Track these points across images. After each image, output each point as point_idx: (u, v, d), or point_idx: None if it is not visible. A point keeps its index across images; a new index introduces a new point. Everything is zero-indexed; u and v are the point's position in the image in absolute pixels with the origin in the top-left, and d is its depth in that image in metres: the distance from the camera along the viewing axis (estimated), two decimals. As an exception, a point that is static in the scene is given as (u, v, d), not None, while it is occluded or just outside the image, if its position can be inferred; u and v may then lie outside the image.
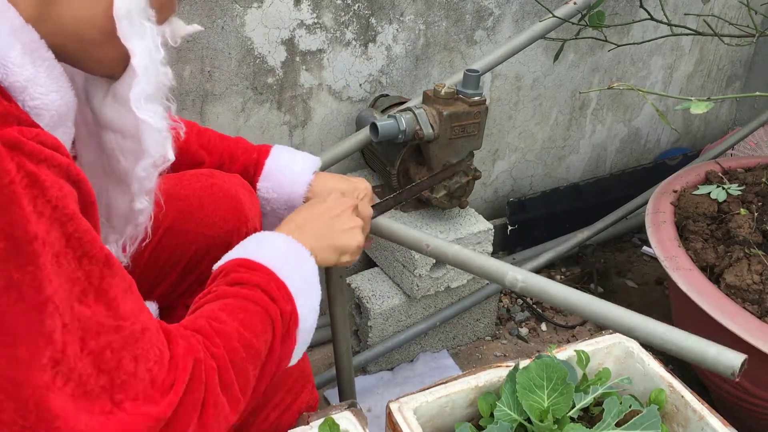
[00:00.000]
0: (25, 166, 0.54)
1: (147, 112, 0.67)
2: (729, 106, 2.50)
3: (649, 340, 0.87)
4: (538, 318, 1.84)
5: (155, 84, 0.68)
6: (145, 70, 0.66)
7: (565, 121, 2.05)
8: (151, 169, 0.72)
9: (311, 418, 0.96)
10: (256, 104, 1.52)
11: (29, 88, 0.60)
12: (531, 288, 0.97)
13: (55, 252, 0.55)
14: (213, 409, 0.68)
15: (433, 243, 1.09)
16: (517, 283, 0.98)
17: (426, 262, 1.48)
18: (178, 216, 0.99)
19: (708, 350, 0.83)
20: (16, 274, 0.52)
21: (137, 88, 0.66)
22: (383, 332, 1.55)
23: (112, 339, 0.59)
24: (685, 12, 2.06)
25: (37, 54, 0.60)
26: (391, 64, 1.65)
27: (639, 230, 2.15)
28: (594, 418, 1.04)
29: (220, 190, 1.03)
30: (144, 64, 0.66)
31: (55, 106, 0.63)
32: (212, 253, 1.01)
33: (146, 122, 0.67)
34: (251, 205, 1.06)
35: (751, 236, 1.37)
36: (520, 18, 1.77)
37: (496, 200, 2.05)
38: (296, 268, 0.86)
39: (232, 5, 1.39)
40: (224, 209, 1.02)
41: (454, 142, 1.42)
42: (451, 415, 1.05)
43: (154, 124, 0.68)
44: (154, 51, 0.67)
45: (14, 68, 0.58)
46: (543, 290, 0.96)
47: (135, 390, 0.60)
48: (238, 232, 1.02)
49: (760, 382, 1.22)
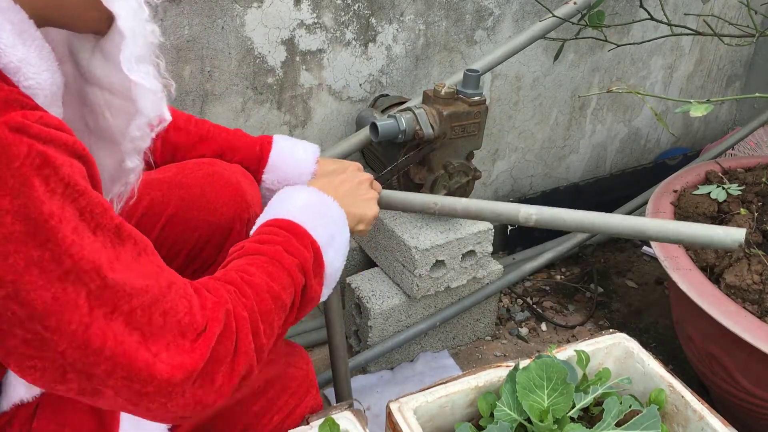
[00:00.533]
0: (35, 147, 0.55)
1: (139, 74, 0.67)
2: (729, 106, 2.50)
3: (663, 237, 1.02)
4: (538, 318, 1.84)
5: (144, 44, 0.67)
6: (132, 31, 0.66)
7: (565, 121, 2.05)
8: (146, 128, 0.71)
9: (311, 418, 0.96)
10: (256, 104, 1.52)
11: (22, 68, 0.60)
12: (545, 219, 1.07)
13: (72, 227, 0.57)
14: (244, 356, 0.71)
15: (441, 201, 1.14)
16: (531, 217, 1.08)
17: (426, 262, 1.48)
18: (180, 204, 1.01)
19: (715, 232, 0.99)
20: (36, 252, 0.54)
21: (126, 51, 0.66)
22: (383, 332, 1.55)
23: (142, 299, 0.62)
24: (685, 12, 2.06)
25: (27, 34, 0.61)
26: (391, 64, 1.65)
27: (639, 230, 2.14)
28: (594, 418, 1.04)
29: (221, 178, 1.05)
30: (130, 25, 0.65)
31: (47, 85, 0.63)
32: (215, 239, 1.04)
33: (139, 84, 0.67)
34: (252, 193, 1.08)
35: (751, 236, 1.37)
36: (520, 18, 1.77)
37: (496, 200, 2.05)
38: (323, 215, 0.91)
39: (232, 5, 1.39)
40: (226, 196, 1.03)
41: (454, 141, 1.42)
42: (451, 415, 1.05)
43: (148, 85, 0.68)
44: (138, 10, 0.66)
45: (7, 49, 0.58)
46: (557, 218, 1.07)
47: (166, 340, 0.63)
48: (240, 218, 1.05)
49: (760, 382, 1.22)
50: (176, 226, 1.01)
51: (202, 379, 0.67)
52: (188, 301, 0.67)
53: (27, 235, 0.54)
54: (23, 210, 0.53)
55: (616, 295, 1.93)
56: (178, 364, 0.64)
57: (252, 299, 0.75)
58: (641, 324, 1.83)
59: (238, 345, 0.71)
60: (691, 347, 1.37)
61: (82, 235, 0.57)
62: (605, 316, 1.86)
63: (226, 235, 1.04)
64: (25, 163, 0.54)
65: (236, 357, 0.70)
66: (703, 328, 1.30)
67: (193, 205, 1.02)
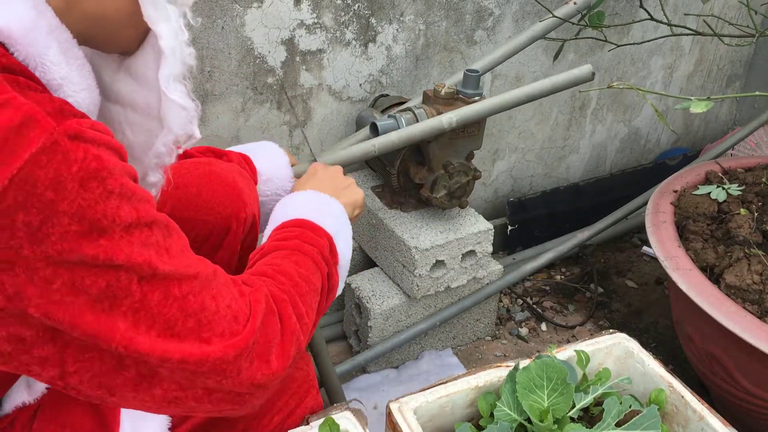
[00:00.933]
0: (90, 151, 0.57)
1: (176, 92, 0.70)
2: (729, 106, 2.50)
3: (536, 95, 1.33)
4: (538, 318, 1.84)
5: (181, 64, 0.70)
6: (173, 51, 0.69)
7: (565, 121, 2.05)
8: (172, 145, 0.74)
9: (311, 418, 0.96)
10: (256, 104, 1.52)
11: (64, 86, 0.63)
12: (464, 118, 1.32)
13: (126, 224, 0.59)
14: (290, 335, 0.75)
15: (378, 141, 1.30)
16: (452, 121, 1.31)
17: (426, 262, 1.48)
18: (177, 204, 1.02)
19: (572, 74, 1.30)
20: (90, 250, 0.57)
21: (166, 70, 0.69)
22: (383, 332, 1.55)
23: (193, 285, 0.65)
24: (685, 12, 2.06)
25: (70, 53, 0.63)
26: (391, 64, 1.65)
27: (639, 230, 2.15)
28: (594, 418, 1.04)
29: (218, 177, 1.06)
30: (171, 45, 0.68)
31: (86, 103, 0.66)
32: (212, 239, 1.04)
33: (175, 101, 0.70)
34: (249, 191, 1.09)
35: (751, 236, 1.37)
36: (520, 18, 1.77)
37: (496, 200, 2.05)
38: (326, 211, 0.97)
39: (232, 5, 1.39)
40: (222, 195, 1.04)
41: (454, 141, 1.43)
42: (451, 415, 1.05)
43: (183, 103, 0.71)
44: (179, 32, 0.69)
45: (52, 66, 0.61)
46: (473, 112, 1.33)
47: (221, 327, 0.67)
48: (237, 217, 1.05)
49: (760, 382, 1.22)
50: None
51: (258, 359, 0.70)
52: (232, 288, 0.71)
53: (82, 235, 0.56)
54: (80, 211, 0.56)
55: (616, 295, 1.93)
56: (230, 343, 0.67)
57: (287, 284, 0.79)
58: (641, 324, 1.83)
59: (284, 325, 0.75)
60: (691, 347, 1.37)
61: (132, 233, 0.60)
62: (605, 316, 1.86)
63: (224, 234, 1.05)
64: (82, 167, 0.56)
65: (284, 336, 0.74)
66: (703, 328, 1.30)
67: (190, 205, 1.02)
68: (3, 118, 0.53)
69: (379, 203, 1.59)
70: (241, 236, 1.07)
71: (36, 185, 0.54)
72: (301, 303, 0.80)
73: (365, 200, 1.59)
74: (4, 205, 0.53)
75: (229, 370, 0.67)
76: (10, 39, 0.58)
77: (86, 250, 0.57)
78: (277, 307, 0.75)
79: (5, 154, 0.53)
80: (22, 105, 0.54)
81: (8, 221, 0.53)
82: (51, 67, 0.61)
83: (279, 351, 0.73)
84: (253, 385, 0.70)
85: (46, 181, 0.54)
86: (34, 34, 0.59)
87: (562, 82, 1.28)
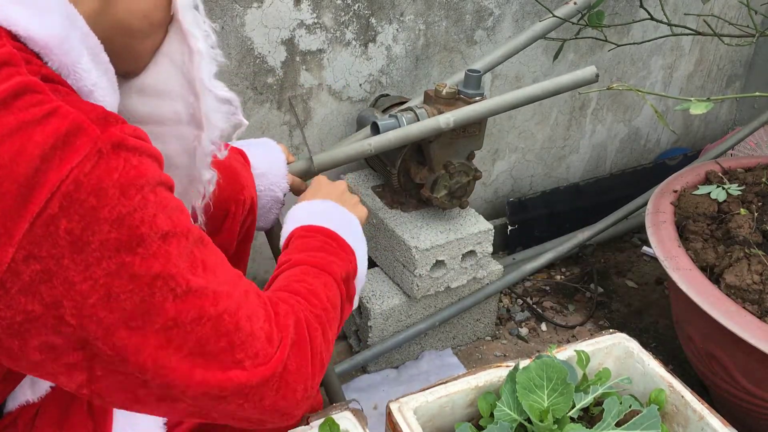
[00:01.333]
0: (131, 160, 0.58)
1: (221, 89, 0.73)
2: (729, 106, 2.50)
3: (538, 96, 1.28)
4: (538, 318, 1.84)
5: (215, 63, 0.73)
6: (208, 52, 0.71)
7: (565, 121, 2.05)
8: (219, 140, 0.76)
9: (311, 418, 0.96)
10: (256, 104, 1.52)
11: (94, 92, 0.63)
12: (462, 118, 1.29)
13: (162, 233, 0.59)
14: (320, 366, 0.75)
15: (374, 140, 1.30)
16: (450, 122, 1.29)
17: (426, 262, 1.48)
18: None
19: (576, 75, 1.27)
20: (128, 257, 0.57)
21: (206, 70, 0.71)
22: (383, 332, 1.55)
23: (228, 304, 0.64)
24: (685, 12, 2.06)
25: (99, 59, 0.64)
26: (391, 64, 1.65)
27: (639, 230, 2.15)
28: (594, 418, 1.04)
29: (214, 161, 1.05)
30: (204, 48, 0.71)
31: (112, 108, 0.66)
32: (211, 222, 1.04)
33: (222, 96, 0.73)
34: (246, 175, 1.10)
35: (751, 236, 1.37)
36: (520, 18, 1.77)
37: (496, 200, 2.05)
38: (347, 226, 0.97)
39: (232, 5, 1.39)
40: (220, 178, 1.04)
41: (455, 141, 1.43)
42: (451, 415, 1.05)
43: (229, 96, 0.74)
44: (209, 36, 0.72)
45: (83, 74, 0.62)
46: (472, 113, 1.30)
47: (254, 348, 0.66)
48: (235, 200, 1.06)
49: (760, 382, 1.22)
50: None
51: (285, 387, 0.69)
52: (267, 308, 0.70)
53: (120, 243, 0.57)
54: (119, 219, 0.56)
55: (616, 295, 1.93)
56: (260, 368, 0.66)
57: (319, 308, 0.79)
58: (641, 324, 1.83)
59: (313, 353, 0.73)
60: (691, 347, 1.37)
61: (170, 242, 0.60)
62: (605, 316, 1.86)
63: (222, 217, 1.05)
64: (122, 174, 0.57)
65: (313, 365, 0.73)
66: (703, 328, 1.30)
67: None
68: (51, 126, 0.54)
69: (380, 203, 1.59)
70: (240, 219, 1.08)
71: (80, 192, 0.54)
72: (329, 329, 0.79)
73: (366, 200, 1.60)
74: (49, 212, 0.53)
75: (252, 394, 0.66)
76: (46, 49, 0.58)
77: (125, 257, 0.57)
78: (310, 335, 0.74)
79: (54, 162, 0.53)
80: (68, 113, 0.55)
81: (53, 229, 0.54)
82: (83, 75, 0.61)
83: (306, 386, 0.72)
84: (275, 411, 0.69)
85: (89, 188, 0.55)
86: (68, 44, 0.59)
87: (566, 83, 1.27)
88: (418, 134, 1.31)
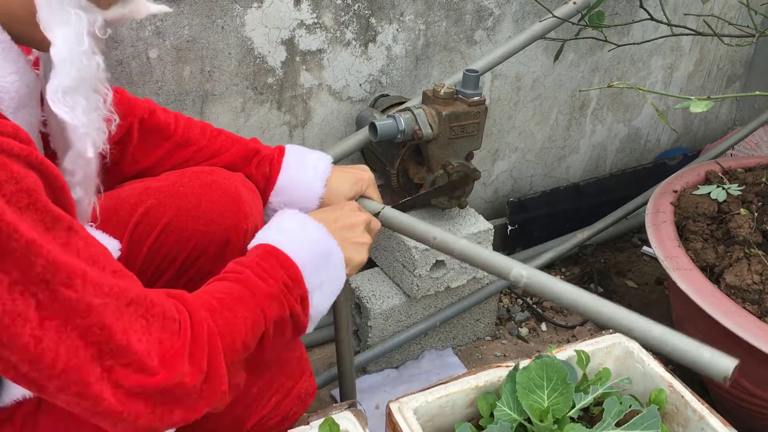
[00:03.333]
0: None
1: (62, 107, 0.65)
2: (729, 106, 2.50)
3: (646, 341, 0.88)
4: (538, 318, 1.84)
5: (76, 76, 0.65)
6: (63, 62, 0.64)
7: (565, 121, 2.05)
8: (77, 160, 0.70)
9: (311, 418, 0.96)
10: (256, 104, 1.52)
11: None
12: (534, 285, 0.97)
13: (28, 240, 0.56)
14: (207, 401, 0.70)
15: (440, 236, 1.09)
16: (522, 279, 0.98)
17: (426, 262, 1.48)
18: (176, 213, 1.00)
19: (702, 354, 0.85)
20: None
21: (54, 81, 0.64)
22: (383, 332, 1.55)
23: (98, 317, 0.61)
24: (685, 12, 2.06)
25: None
26: (391, 64, 1.65)
27: (639, 230, 2.15)
28: (594, 418, 1.04)
29: (219, 187, 1.02)
30: (62, 54, 0.63)
31: (14, 87, 0.62)
32: (210, 250, 1.01)
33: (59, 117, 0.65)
34: (252, 203, 1.06)
35: (751, 236, 1.37)
36: (520, 18, 1.77)
37: (496, 200, 2.05)
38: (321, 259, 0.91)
39: (232, 5, 1.39)
40: (222, 206, 1.01)
41: (453, 142, 1.42)
42: (451, 415, 1.05)
43: (69, 119, 0.66)
44: (75, 42, 0.64)
45: None
46: (546, 287, 0.96)
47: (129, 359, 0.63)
48: (237, 229, 1.02)
49: (760, 382, 1.22)
50: (171, 236, 0.99)
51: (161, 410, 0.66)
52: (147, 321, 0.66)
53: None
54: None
55: (616, 295, 1.93)
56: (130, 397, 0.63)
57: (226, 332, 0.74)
58: (641, 324, 1.83)
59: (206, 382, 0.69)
60: (691, 347, 1.37)
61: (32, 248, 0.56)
62: (605, 316, 1.86)
63: (223, 246, 1.02)
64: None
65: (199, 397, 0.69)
66: (703, 328, 1.30)
67: (189, 215, 1.00)
68: None
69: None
70: (241, 248, 1.03)
71: None
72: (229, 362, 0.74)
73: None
74: None
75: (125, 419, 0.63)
76: None
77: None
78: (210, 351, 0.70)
79: None
80: None
81: None
82: None
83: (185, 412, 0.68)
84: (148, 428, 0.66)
85: None
86: None
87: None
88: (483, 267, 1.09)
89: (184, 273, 1.03)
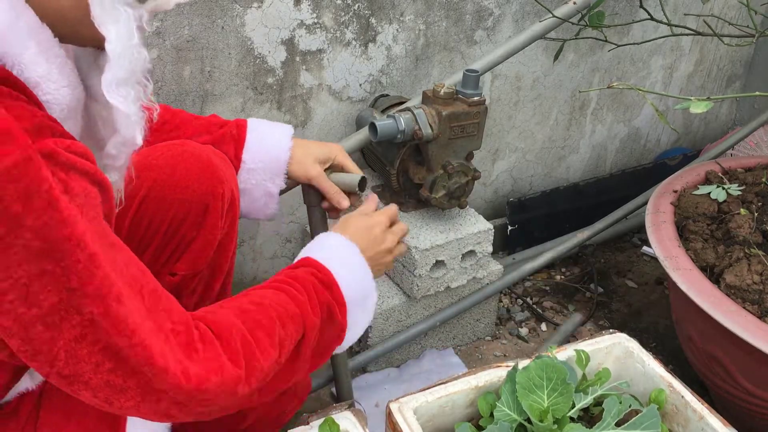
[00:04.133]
0: (57, 174, 0.60)
1: (117, 97, 0.69)
2: (729, 106, 2.50)
3: None
4: (538, 318, 1.84)
5: (128, 69, 0.69)
6: (118, 55, 0.68)
7: (565, 121, 2.05)
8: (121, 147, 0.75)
9: (311, 418, 0.96)
10: (256, 104, 1.52)
11: (42, 84, 0.64)
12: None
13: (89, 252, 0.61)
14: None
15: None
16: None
17: (426, 262, 1.48)
18: (152, 185, 1.02)
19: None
20: (50, 266, 0.59)
21: (109, 73, 0.68)
22: (383, 332, 1.55)
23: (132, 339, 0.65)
24: (685, 12, 2.06)
25: (51, 52, 0.64)
26: (391, 64, 1.65)
27: (639, 230, 2.15)
28: (594, 418, 1.04)
29: (191, 155, 1.06)
30: (117, 49, 0.67)
31: (66, 100, 0.67)
32: (191, 217, 1.04)
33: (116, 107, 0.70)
34: (225, 169, 1.09)
35: (751, 236, 1.37)
36: (520, 18, 1.77)
37: (496, 200, 2.05)
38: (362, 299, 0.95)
39: (232, 5, 1.39)
40: (196, 173, 1.04)
41: (453, 142, 1.42)
42: (451, 415, 1.05)
43: (124, 108, 0.70)
44: (126, 36, 0.68)
45: (29, 65, 0.62)
46: None
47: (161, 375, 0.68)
48: (214, 194, 1.05)
49: (760, 382, 1.22)
50: (149, 208, 1.02)
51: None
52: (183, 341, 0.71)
53: (42, 251, 0.59)
54: (44, 229, 0.58)
55: (616, 295, 1.93)
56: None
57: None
58: (641, 324, 1.83)
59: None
60: (691, 347, 1.37)
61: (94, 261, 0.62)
62: (605, 316, 1.86)
63: (202, 212, 1.05)
64: (52, 186, 0.58)
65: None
66: (703, 328, 1.30)
67: (165, 185, 1.03)
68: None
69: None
70: (220, 212, 1.07)
71: (4, 197, 0.56)
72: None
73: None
74: None
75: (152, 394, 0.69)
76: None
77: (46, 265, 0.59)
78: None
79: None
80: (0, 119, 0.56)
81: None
82: (28, 66, 0.62)
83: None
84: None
85: (15, 195, 0.56)
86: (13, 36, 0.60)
87: None
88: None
89: (167, 244, 1.06)
